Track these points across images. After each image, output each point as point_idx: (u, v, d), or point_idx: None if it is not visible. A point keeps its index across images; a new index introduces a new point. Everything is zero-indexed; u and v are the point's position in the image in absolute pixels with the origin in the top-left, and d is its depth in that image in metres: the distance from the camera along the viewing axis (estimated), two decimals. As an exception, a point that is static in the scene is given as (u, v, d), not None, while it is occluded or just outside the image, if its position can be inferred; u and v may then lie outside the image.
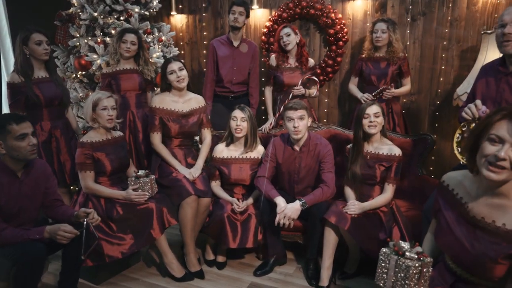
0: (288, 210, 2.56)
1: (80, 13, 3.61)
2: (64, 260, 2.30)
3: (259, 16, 4.31)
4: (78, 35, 3.65)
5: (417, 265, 1.39)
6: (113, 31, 3.60)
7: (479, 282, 1.46)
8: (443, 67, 3.74)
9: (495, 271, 1.38)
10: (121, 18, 3.70)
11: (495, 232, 1.37)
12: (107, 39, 3.63)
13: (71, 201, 2.82)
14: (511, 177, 1.32)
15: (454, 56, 3.68)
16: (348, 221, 2.49)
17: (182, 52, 4.74)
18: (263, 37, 4.26)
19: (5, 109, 3.73)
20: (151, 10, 3.95)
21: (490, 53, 3.10)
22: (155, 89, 3.61)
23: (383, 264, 1.50)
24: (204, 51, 4.60)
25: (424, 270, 1.41)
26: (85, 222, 2.17)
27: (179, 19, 4.73)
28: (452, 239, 1.50)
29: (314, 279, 2.72)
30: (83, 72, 3.66)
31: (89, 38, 3.64)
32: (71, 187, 3.38)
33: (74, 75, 3.69)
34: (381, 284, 1.51)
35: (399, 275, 1.43)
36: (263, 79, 4.20)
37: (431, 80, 3.81)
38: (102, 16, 3.59)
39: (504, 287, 1.41)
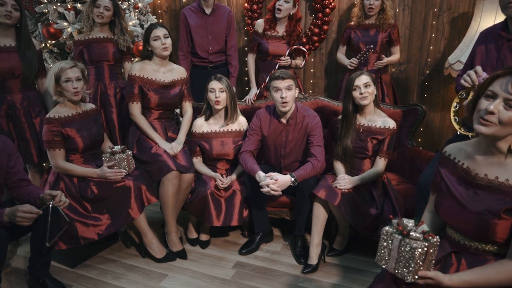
0: (280, 179, 2.42)
1: (48, -24, 3.30)
2: (32, 244, 2.13)
3: (242, -18, 4.06)
4: (45, 1, 3.35)
5: (423, 246, 1.27)
6: (84, -3, 3.32)
7: (483, 248, 1.42)
8: (433, 35, 3.60)
9: (498, 229, 1.34)
10: (93, -18, 3.41)
11: (498, 188, 1.37)
12: (78, 5, 3.35)
13: (41, 181, 2.62)
14: (501, 132, 1.33)
15: (445, 23, 3.54)
16: (338, 196, 2.38)
17: (161, 20, 4.46)
18: (246, 4, 4.03)
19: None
20: (126, -26, 3.65)
21: (485, 20, 2.97)
22: (133, 59, 3.37)
23: (384, 244, 1.37)
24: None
25: (431, 251, 1.29)
26: (50, 206, 1.98)
27: (156, -15, 4.43)
28: (453, 203, 1.47)
29: (302, 256, 2.64)
30: (53, 41, 3.38)
31: (58, 4, 3.35)
32: (44, 164, 3.17)
33: (43, 45, 3.41)
34: (383, 266, 1.39)
35: (402, 256, 1.30)
36: (246, 48, 4.01)
37: (421, 49, 3.67)
38: (72, -20, 3.30)
39: (507, 253, 1.38)
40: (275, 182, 2.41)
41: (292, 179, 2.46)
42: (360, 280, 2.44)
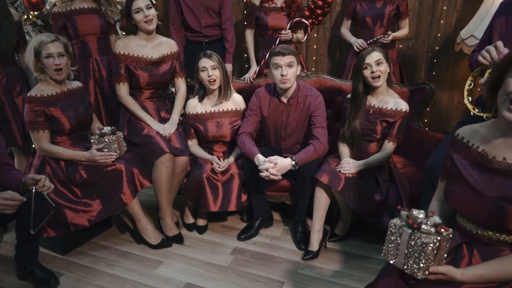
0: (280, 162, 2.30)
1: None
2: (18, 232, 2.02)
3: (240, -50, 3.83)
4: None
5: (435, 240, 1.15)
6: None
7: (497, 238, 1.33)
8: (444, 7, 3.39)
9: None
10: None
11: None
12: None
13: (26, 164, 2.49)
14: None
15: (457, -6, 3.34)
16: (342, 181, 2.25)
17: (155, -8, 4.25)
18: (245, -26, 3.80)
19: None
20: None
21: (502, -10, 2.76)
22: (122, 33, 3.18)
23: (392, 238, 1.26)
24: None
25: (443, 244, 1.17)
26: (33, 191, 1.85)
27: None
28: (465, 189, 1.37)
29: (302, 242, 2.54)
30: (36, 13, 3.17)
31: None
32: (33, 145, 3.03)
33: (25, 16, 3.20)
34: (391, 261, 1.28)
35: (412, 251, 1.18)
36: (245, 23, 3.80)
37: (431, 23, 3.47)
38: None
39: None
40: (274, 166, 2.28)
41: (293, 162, 2.33)
42: (362, 267, 2.35)
